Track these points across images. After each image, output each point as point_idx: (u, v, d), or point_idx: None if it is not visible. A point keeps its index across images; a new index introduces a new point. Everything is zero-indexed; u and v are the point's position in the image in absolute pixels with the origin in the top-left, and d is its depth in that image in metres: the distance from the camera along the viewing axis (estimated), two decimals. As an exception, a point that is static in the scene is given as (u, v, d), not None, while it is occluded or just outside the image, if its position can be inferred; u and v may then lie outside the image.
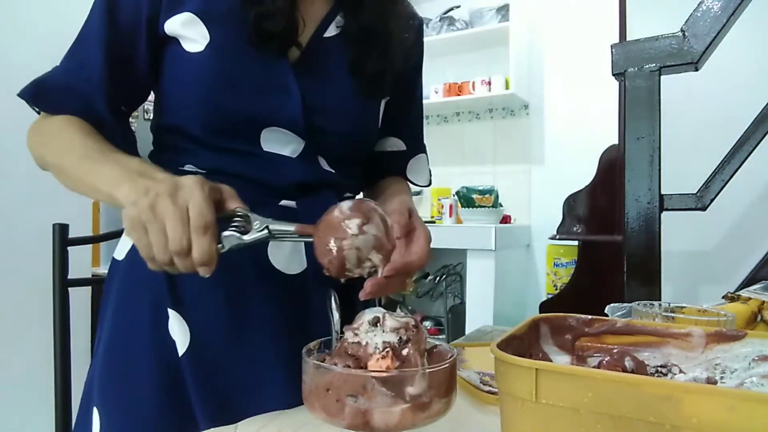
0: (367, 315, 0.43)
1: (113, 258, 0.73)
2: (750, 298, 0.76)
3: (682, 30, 1.18)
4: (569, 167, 2.54)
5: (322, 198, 0.69)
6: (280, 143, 0.67)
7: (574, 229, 2.21)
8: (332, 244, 0.46)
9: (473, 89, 2.71)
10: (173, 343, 0.64)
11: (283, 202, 0.68)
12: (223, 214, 0.51)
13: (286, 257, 0.68)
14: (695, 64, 1.19)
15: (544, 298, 2.35)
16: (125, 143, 0.67)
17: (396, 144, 0.86)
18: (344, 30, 0.72)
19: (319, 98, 0.68)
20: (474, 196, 2.56)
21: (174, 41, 0.65)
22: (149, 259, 0.49)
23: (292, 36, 0.67)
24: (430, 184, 0.91)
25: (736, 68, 1.97)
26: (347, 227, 0.46)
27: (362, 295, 0.56)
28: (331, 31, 0.71)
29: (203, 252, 0.47)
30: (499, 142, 2.85)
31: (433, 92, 2.82)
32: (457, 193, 2.62)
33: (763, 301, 0.75)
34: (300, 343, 0.63)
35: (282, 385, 0.63)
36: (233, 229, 0.51)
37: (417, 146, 0.89)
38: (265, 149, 0.67)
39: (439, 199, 2.79)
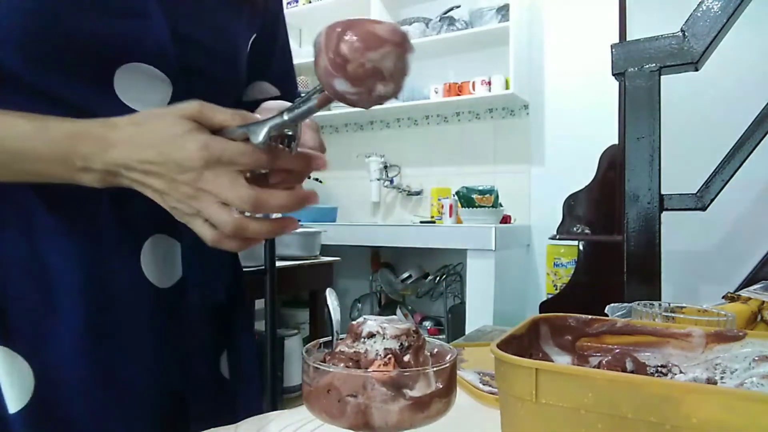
0: (365, 329, 0.42)
1: None
2: (750, 298, 0.76)
3: (682, 30, 1.18)
4: (569, 167, 2.54)
5: None
6: (142, 87, 0.53)
7: (574, 229, 2.21)
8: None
9: (473, 89, 2.71)
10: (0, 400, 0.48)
11: None
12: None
13: (160, 267, 0.57)
14: (695, 64, 1.19)
15: (544, 298, 2.35)
16: None
17: (267, 89, 0.75)
18: None
19: (187, 23, 0.55)
20: (474, 196, 2.56)
21: None
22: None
23: None
24: None
25: (736, 68, 1.97)
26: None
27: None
28: None
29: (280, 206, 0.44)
30: (499, 142, 2.85)
31: (433, 92, 2.82)
32: (457, 193, 2.62)
33: (763, 301, 0.75)
34: (176, 361, 0.56)
35: (156, 406, 0.55)
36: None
37: (291, 90, 0.78)
38: (120, 98, 0.51)
39: (439, 199, 2.79)
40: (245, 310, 0.71)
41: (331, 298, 0.57)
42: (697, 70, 1.21)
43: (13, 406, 0.48)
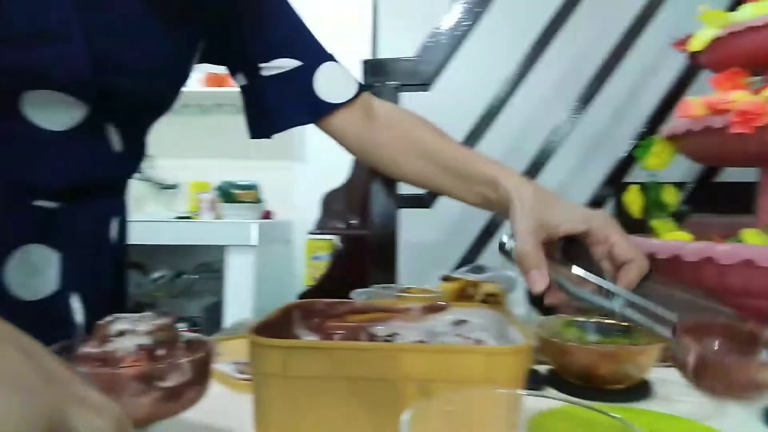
0: (112, 328, 0.40)
1: None
2: (458, 278, 0.95)
3: (417, 56, 1.39)
4: (330, 164, 2.69)
5: (95, 205, 0.58)
6: (51, 110, 0.49)
7: (331, 224, 2.38)
8: None
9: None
10: None
11: (39, 203, 0.52)
12: None
13: (28, 278, 0.51)
14: (428, 85, 1.42)
15: (304, 290, 2.47)
16: None
17: (280, 65, 0.68)
18: None
19: (108, 42, 0.50)
20: (235, 191, 2.52)
21: None
22: None
23: None
24: (361, 90, 0.70)
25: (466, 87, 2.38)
26: None
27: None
28: None
29: None
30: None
31: (194, 81, 2.67)
32: (219, 187, 2.54)
33: (468, 281, 0.94)
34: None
35: None
36: None
37: (318, 55, 0.69)
38: (30, 119, 0.49)
39: (197, 194, 2.66)
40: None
41: (74, 302, 0.52)
42: (427, 90, 1.45)
43: None
